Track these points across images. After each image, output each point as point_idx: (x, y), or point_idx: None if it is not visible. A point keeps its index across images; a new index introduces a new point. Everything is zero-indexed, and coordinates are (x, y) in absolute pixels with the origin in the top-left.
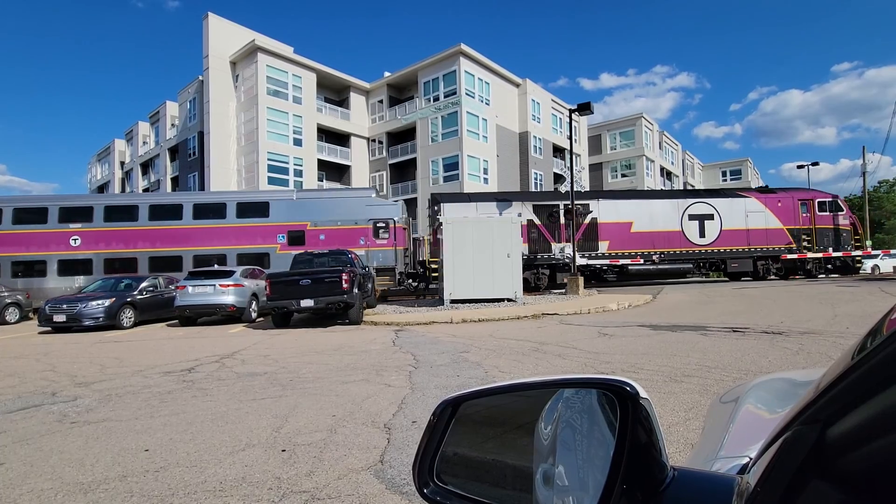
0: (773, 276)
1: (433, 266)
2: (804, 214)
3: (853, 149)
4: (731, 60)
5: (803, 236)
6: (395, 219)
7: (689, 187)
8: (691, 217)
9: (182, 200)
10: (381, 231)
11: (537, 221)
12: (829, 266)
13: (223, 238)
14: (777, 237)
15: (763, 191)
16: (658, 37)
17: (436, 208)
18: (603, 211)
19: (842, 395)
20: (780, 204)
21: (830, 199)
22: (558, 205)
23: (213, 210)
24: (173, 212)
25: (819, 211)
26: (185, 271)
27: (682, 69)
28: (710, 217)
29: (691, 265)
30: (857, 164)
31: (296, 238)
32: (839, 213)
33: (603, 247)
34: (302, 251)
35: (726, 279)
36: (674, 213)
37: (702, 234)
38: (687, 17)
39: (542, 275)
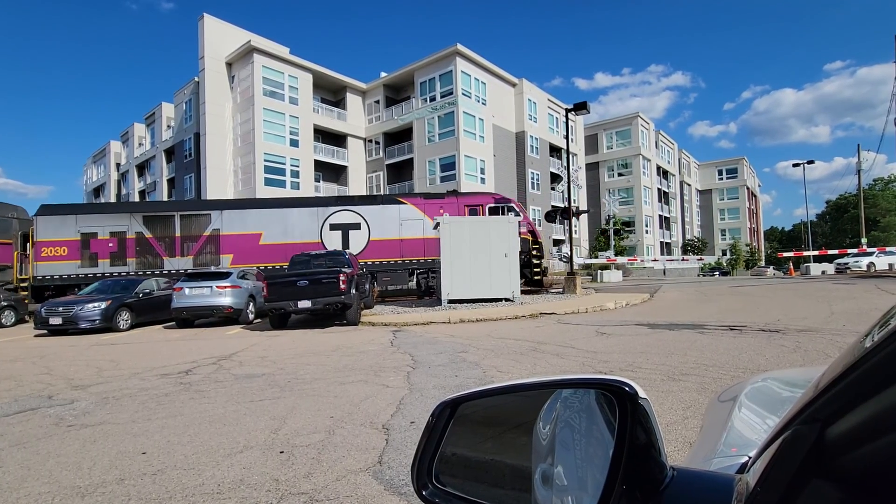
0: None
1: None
2: None
3: (847, 147)
4: (724, 59)
5: None
6: None
7: (686, 186)
8: (333, 227)
9: None
10: None
11: (147, 235)
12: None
13: None
14: (437, 247)
15: (428, 196)
16: (652, 36)
17: (31, 220)
18: (227, 222)
19: (842, 393)
20: (441, 210)
21: (503, 204)
22: (174, 215)
23: None
24: None
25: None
26: None
27: (677, 68)
28: (357, 226)
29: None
30: (851, 162)
31: None
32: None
33: (226, 261)
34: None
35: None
36: (312, 223)
37: (346, 246)
38: (681, 16)
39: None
